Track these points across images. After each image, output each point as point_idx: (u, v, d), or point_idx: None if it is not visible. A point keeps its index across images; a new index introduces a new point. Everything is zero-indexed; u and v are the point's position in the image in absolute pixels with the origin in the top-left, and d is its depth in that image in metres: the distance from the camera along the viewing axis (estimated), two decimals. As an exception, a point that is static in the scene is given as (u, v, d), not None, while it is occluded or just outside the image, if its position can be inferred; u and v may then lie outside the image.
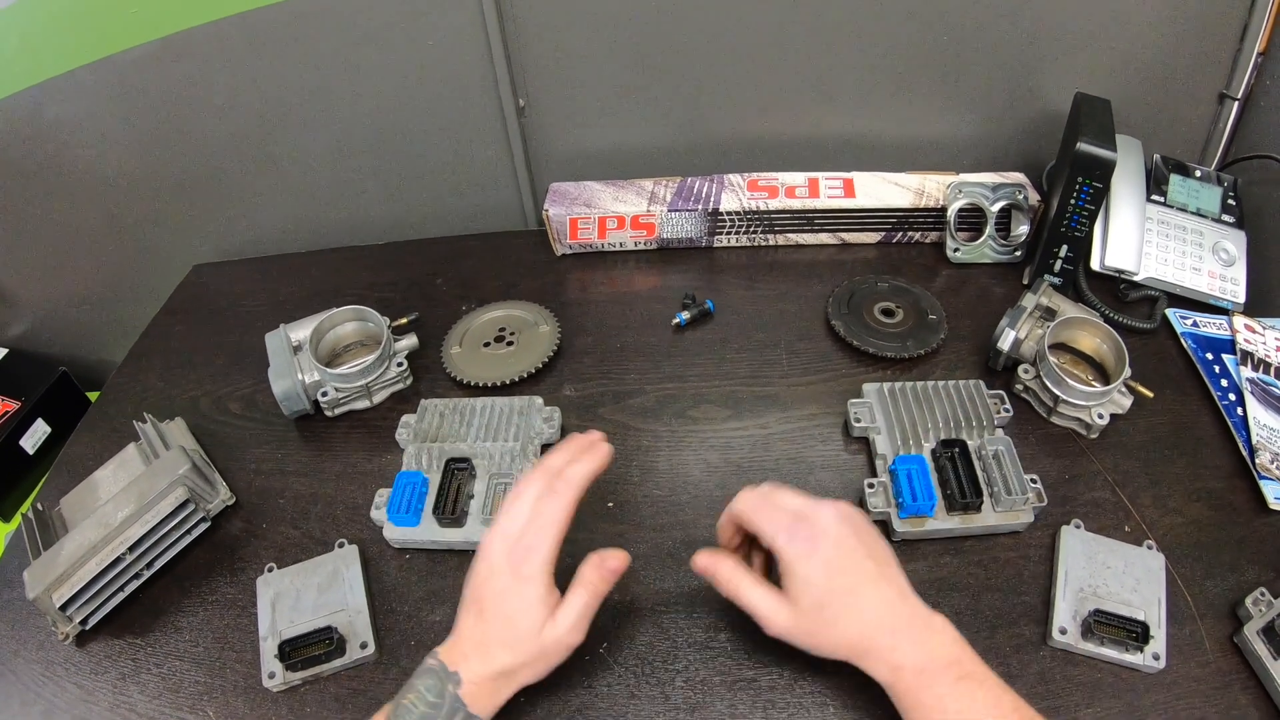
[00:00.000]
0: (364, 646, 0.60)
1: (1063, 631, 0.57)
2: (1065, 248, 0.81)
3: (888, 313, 0.83)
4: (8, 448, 0.99)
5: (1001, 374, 0.77)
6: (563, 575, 0.53)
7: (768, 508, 0.54)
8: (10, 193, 1.00)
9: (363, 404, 0.80)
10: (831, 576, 0.51)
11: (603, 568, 0.54)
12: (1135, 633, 0.57)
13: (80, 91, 0.91)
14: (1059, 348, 0.75)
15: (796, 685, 0.57)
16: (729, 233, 0.93)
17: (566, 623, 0.51)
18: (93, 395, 1.10)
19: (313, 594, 0.64)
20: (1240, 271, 0.84)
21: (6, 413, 1.01)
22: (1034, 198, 0.87)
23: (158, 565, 0.67)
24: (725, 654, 0.59)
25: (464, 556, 0.66)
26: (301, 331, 0.79)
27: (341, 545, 0.67)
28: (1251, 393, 0.73)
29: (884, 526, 0.65)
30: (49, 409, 1.04)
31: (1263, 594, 0.58)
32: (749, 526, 0.54)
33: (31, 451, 1.02)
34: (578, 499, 0.54)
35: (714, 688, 0.57)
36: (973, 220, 0.89)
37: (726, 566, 0.54)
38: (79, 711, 0.60)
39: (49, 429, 1.04)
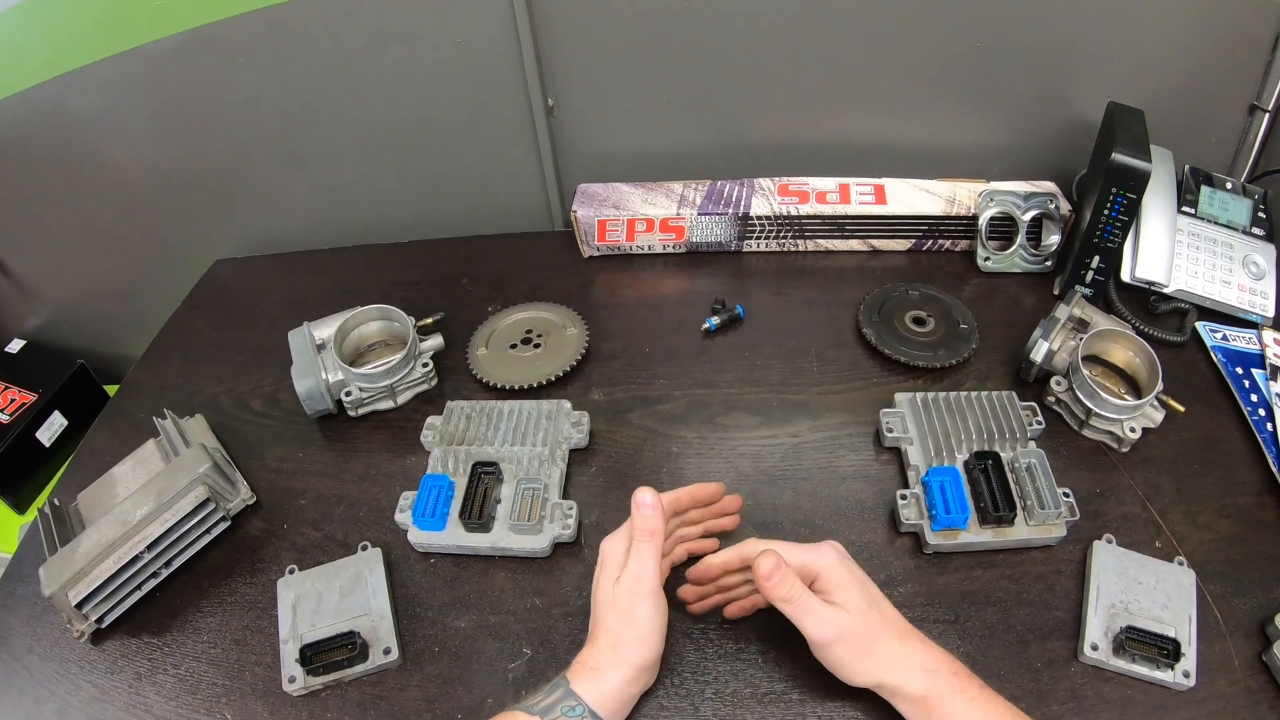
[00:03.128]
0: (387, 652, 0.60)
1: (1094, 648, 0.57)
2: (1097, 259, 0.80)
3: (919, 321, 0.82)
4: (24, 439, 0.99)
5: (1032, 385, 0.76)
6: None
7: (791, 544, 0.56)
8: (31, 184, 1.00)
9: (387, 404, 0.79)
10: (865, 586, 0.54)
11: (636, 507, 0.54)
12: (1166, 650, 0.56)
13: (103, 84, 0.90)
14: (1091, 360, 0.75)
15: (828, 700, 0.56)
16: (759, 237, 0.93)
17: (628, 575, 0.53)
18: (111, 389, 1.10)
19: (335, 597, 0.63)
20: (1270, 285, 0.83)
21: (24, 404, 1.01)
22: (1065, 207, 0.87)
23: (176, 564, 0.66)
24: (756, 666, 0.58)
25: (490, 562, 0.66)
26: (325, 330, 0.79)
27: (365, 548, 0.66)
28: (1282, 409, 0.72)
29: (915, 539, 0.65)
30: (66, 401, 1.04)
31: (1293, 613, 0.57)
32: (793, 557, 0.54)
33: (48, 444, 1.02)
34: (671, 508, 0.59)
35: (744, 700, 0.56)
36: (1004, 229, 0.89)
37: (790, 577, 0.52)
38: (93, 711, 0.60)
39: (66, 421, 1.04)
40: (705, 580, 0.60)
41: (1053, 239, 0.87)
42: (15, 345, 1.09)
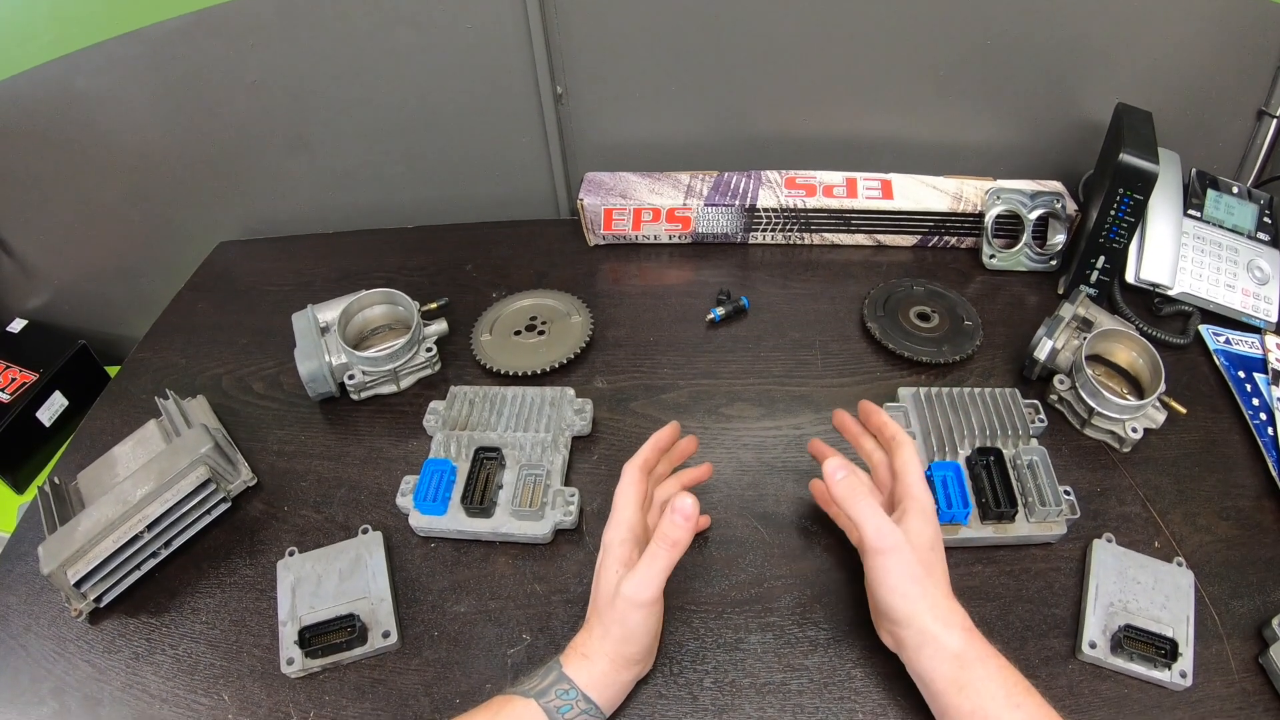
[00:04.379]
0: (386, 635, 0.60)
1: (1092, 645, 0.57)
2: (1102, 259, 0.80)
3: (923, 317, 0.82)
4: (25, 419, 0.99)
5: (1035, 383, 0.76)
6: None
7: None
8: (36, 163, 0.99)
9: (389, 388, 0.79)
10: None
11: (671, 511, 0.51)
12: (1164, 649, 0.56)
13: (111, 63, 0.90)
14: (1094, 359, 0.75)
15: (826, 691, 0.56)
16: (765, 230, 0.93)
17: (634, 579, 0.51)
18: (112, 369, 1.10)
19: (334, 580, 0.63)
20: (1274, 290, 0.83)
21: (25, 384, 1.01)
22: (1071, 207, 0.87)
23: (176, 545, 0.66)
24: (754, 656, 0.58)
25: (490, 547, 0.66)
26: (330, 313, 0.78)
27: (365, 531, 0.66)
28: (1284, 413, 0.72)
29: (917, 533, 0.65)
30: (67, 382, 1.04)
31: (1289, 616, 0.57)
32: (895, 457, 0.56)
33: (48, 424, 1.02)
34: (641, 469, 0.57)
35: (742, 690, 0.57)
36: (1009, 227, 0.89)
37: (853, 479, 0.52)
38: (90, 690, 0.60)
39: (66, 402, 1.04)
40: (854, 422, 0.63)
41: (1058, 238, 0.87)
42: (17, 325, 1.09)
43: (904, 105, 0.94)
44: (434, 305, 0.82)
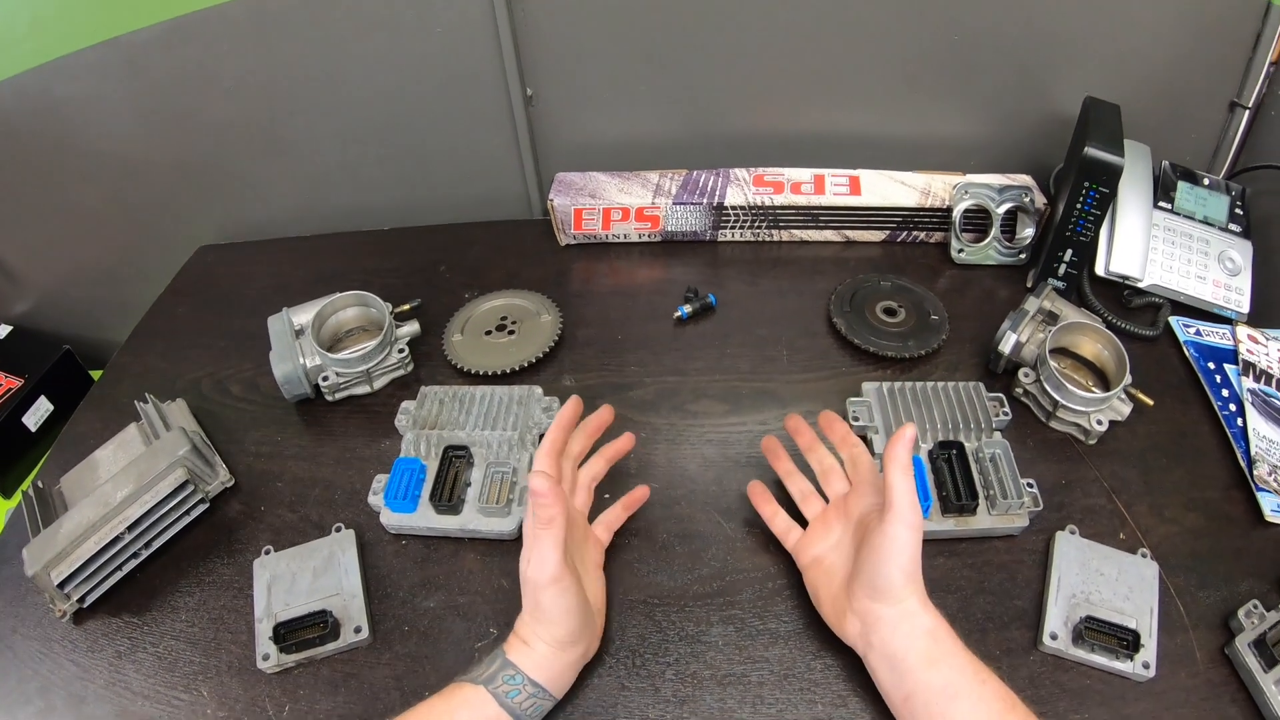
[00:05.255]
0: (358, 631, 0.61)
1: (1054, 637, 0.57)
2: (1070, 252, 0.80)
3: (890, 312, 0.83)
4: (10, 425, 1.00)
5: (1001, 377, 0.77)
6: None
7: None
8: (17, 171, 1.00)
9: (363, 389, 0.80)
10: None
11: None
12: (1126, 640, 0.57)
13: (88, 71, 0.91)
14: (1060, 352, 0.75)
15: (786, 682, 0.57)
16: (733, 227, 0.93)
17: (529, 561, 0.53)
18: (96, 374, 1.11)
19: (308, 577, 0.64)
20: (1245, 281, 0.83)
21: (10, 390, 1.02)
22: (1040, 201, 0.87)
23: (156, 545, 0.67)
24: (716, 649, 0.59)
25: (459, 544, 0.67)
26: (304, 315, 0.79)
27: (338, 530, 0.67)
28: (1252, 404, 0.73)
29: (878, 526, 0.65)
30: (52, 386, 1.05)
31: (1255, 606, 0.58)
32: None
33: (34, 429, 1.02)
34: (548, 454, 0.57)
35: (704, 682, 0.57)
36: (978, 222, 0.89)
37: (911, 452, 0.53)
38: (75, 689, 0.61)
39: (51, 406, 1.04)
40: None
41: (1027, 232, 0.87)
42: (1, 331, 1.10)
43: (872, 101, 0.95)
44: (407, 307, 0.83)
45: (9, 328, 1.10)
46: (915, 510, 0.51)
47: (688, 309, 0.84)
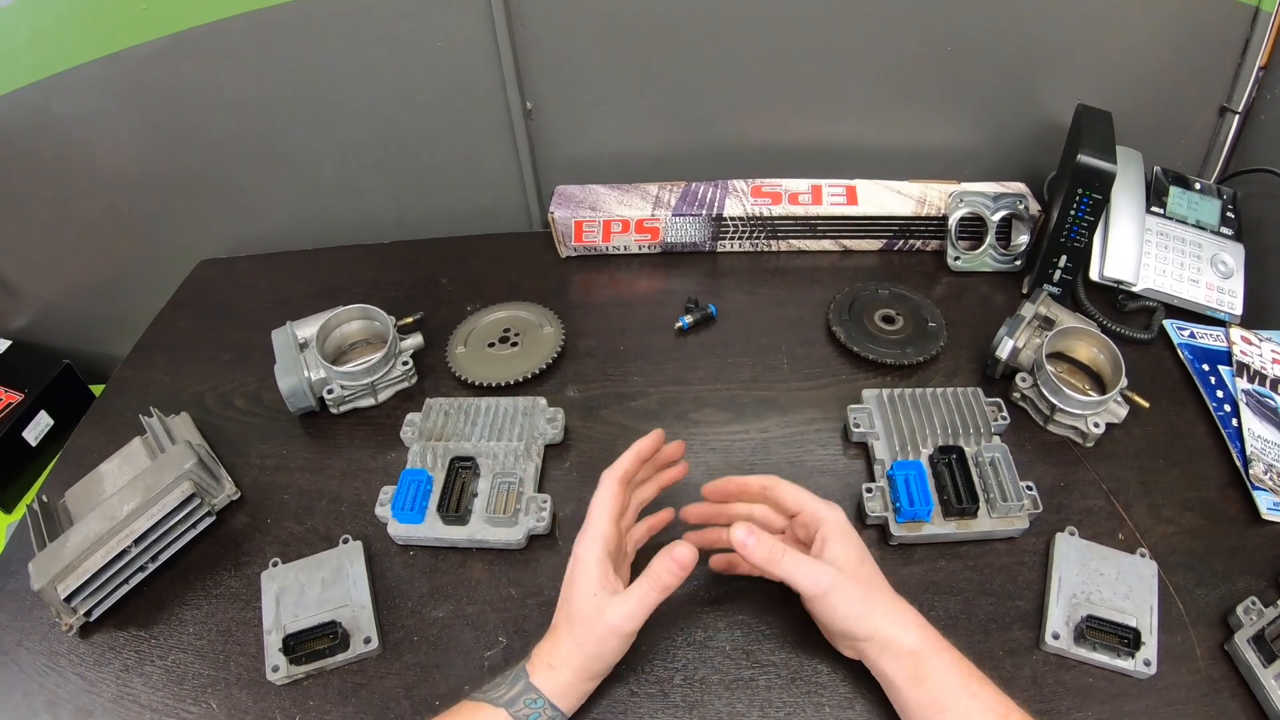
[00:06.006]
0: (367, 641, 0.61)
1: (1055, 636, 0.58)
2: (1064, 258, 0.81)
3: (888, 320, 0.84)
4: (10, 439, 1.00)
5: (999, 382, 0.77)
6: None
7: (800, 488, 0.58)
8: (17, 185, 1.00)
9: (368, 402, 0.80)
10: (860, 545, 0.56)
11: (668, 558, 0.52)
12: (1127, 639, 0.57)
13: (88, 86, 0.91)
14: (1056, 357, 0.76)
15: (793, 685, 0.57)
16: (732, 238, 0.94)
17: (621, 610, 0.52)
18: (96, 388, 1.11)
19: (317, 589, 0.64)
20: (1238, 284, 0.84)
21: (10, 404, 1.01)
22: (1034, 208, 0.88)
23: (163, 559, 0.67)
24: (723, 654, 0.60)
25: (466, 554, 0.67)
26: (308, 329, 0.80)
27: (346, 541, 0.67)
28: (1246, 404, 0.74)
29: (881, 530, 0.66)
30: (52, 401, 1.04)
31: (1254, 603, 0.59)
32: (783, 497, 0.58)
33: (34, 443, 1.02)
34: (620, 480, 0.57)
35: (712, 687, 0.58)
36: (973, 229, 0.90)
37: (766, 540, 0.53)
38: (82, 702, 0.61)
39: (52, 421, 1.04)
40: (715, 497, 0.62)
41: (1022, 239, 0.88)
42: (1, 345, 1.10)
43: (867, 112, 0.95)
44: (410, 319, 0.84)
45: (9, 342, 1.10)
46: (821, 579, 0.52)
47: (688, 319, 0.85)
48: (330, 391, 0.77)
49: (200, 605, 0.66)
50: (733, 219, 0.91)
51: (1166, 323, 0.82)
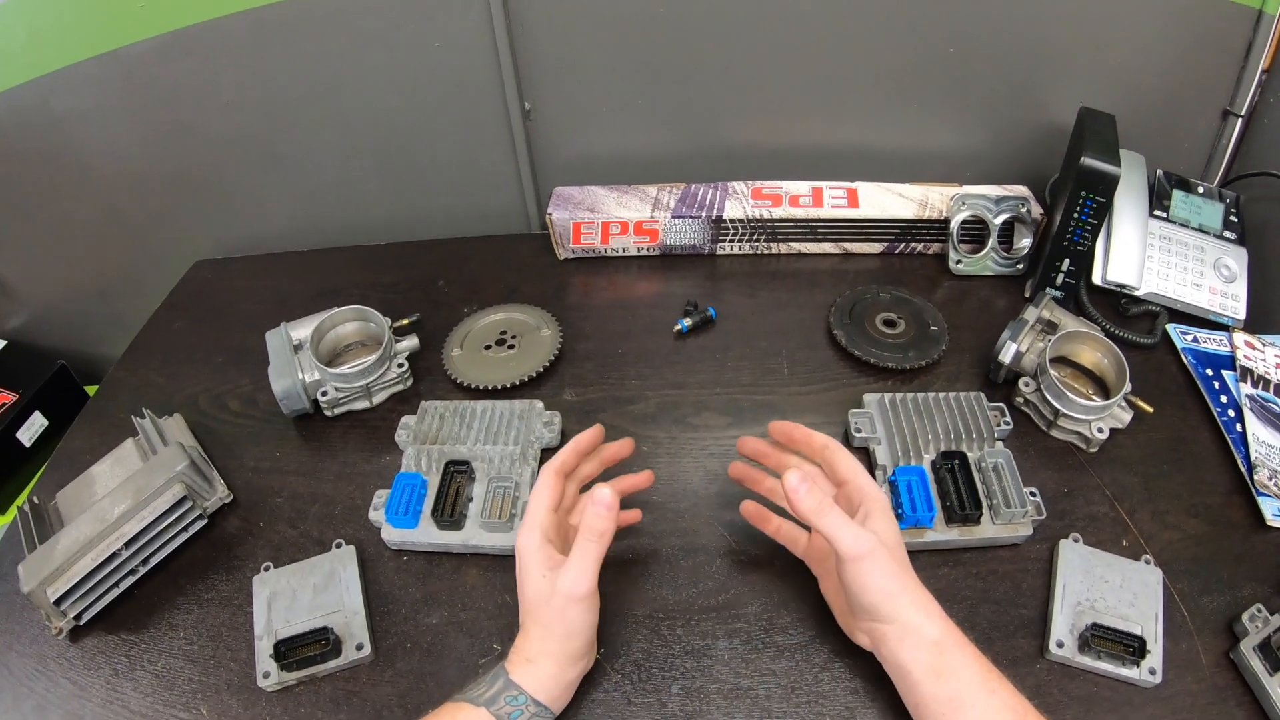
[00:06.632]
0: (360, 648, 0.60)
1: (1060, 645, 0.57)
2: (1068, 261, 0.81)
3: (889, 323, 0.83)
4: (4, 440, 0.99)
5: (1002, 386, 0.77)
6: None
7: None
8: (13, 184, 1.00)
9: (362, 404, 0.80)
10: (897, 526, 0.55)
11: (590, 503, 0.53)
12: (1132, 647, 0.57)
13: (86, 84, 0.91)
14: (1060, 361, 0.76)
15: (794, 695, 0.57)
16: (732, 240, 0.93)
17: (568, 576, 0.52)
18: (91, 389, 1.10)
19: (309, 594, 0.63)
20: (1241, 288, 0.84)
21: (4, 404, 1.01)
22: (1037, 211, 0.88)
23: (154, 562, 0.66)
24: (722, 663, 0.59)
25: (461, 559, 0.67)
26: (302, 330, 0.79)
27: (339, 545, 0.67)
28: (1250, 409, 0.73)
29: (883, 537, 0.65)
30: (47, 402, 1.04)
31: (1259, 610, 0.58)
32: (837, 461, 0.57)
33: (28, 444, 1.02)
34: (556, 473, 0.58)
35: (710, 696, 0.57)
36: (975, 232, 0.90)
37: (817, 491, 0.52)
38: (71, 707, 0.60)
39: (46, 422, 1.04)
40: (777, 436, 0.62)
41: (1024, 242, 0.88)
42: (-5, 345, 1.10)
43: (869, 114, 0.95)
44: (406, 321, 0.83)
45: (4, 342, 1.10)
46: (863, 541, 0.51)
47: (688, 322, 0.84)
48: (325, 394, 0.77)
49: (191, 610, 0.65)
50: (733, 221, 0.91)
51: (1170, 327, 0.82)
